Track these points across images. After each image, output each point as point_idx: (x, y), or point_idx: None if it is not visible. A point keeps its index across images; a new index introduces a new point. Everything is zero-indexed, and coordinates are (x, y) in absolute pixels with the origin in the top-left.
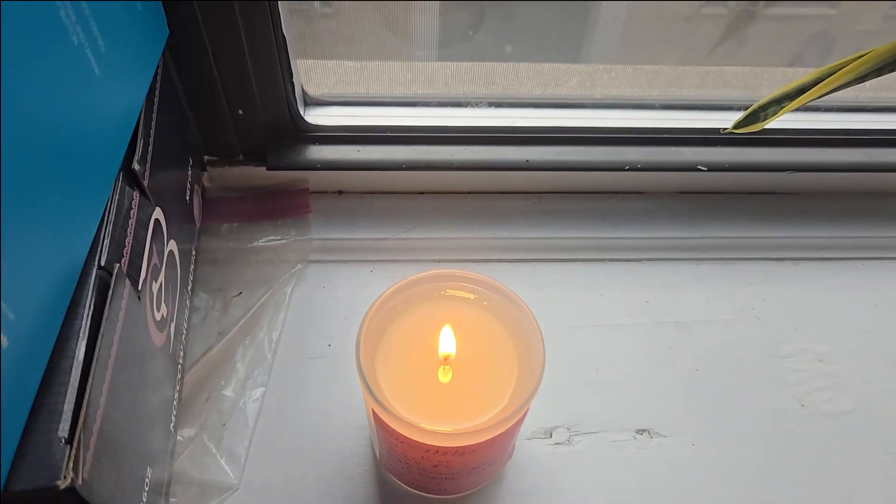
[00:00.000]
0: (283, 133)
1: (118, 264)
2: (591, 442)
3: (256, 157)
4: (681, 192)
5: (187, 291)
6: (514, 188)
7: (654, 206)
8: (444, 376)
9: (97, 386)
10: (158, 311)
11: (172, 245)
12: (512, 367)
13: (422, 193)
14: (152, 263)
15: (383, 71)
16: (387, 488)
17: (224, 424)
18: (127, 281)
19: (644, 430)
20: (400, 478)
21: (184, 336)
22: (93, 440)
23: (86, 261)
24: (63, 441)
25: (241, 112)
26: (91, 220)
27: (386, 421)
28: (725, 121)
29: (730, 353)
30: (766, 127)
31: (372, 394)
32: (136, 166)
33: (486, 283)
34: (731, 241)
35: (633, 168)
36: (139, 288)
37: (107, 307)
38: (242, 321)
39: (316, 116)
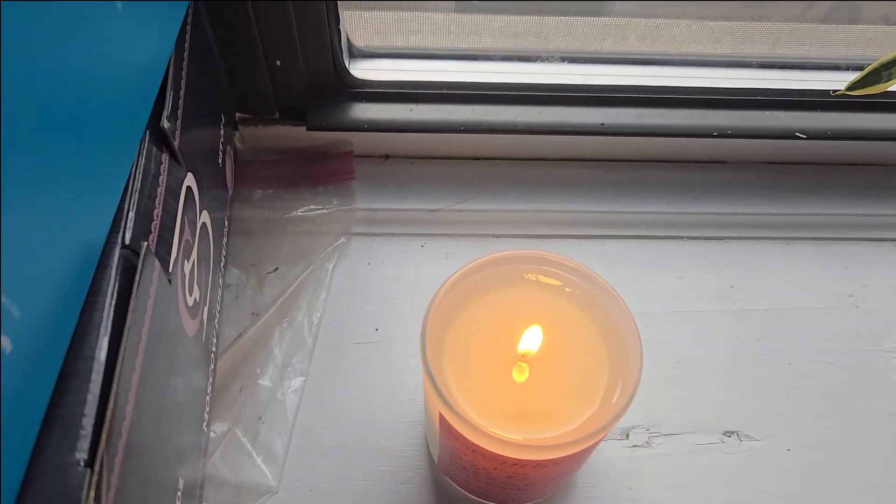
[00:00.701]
0: (326, 88)
1: (146, 242)
2: (672, 444)
3: (295, 115)
4: (769, 163)
5: (220, 269)
6: (583, 154)
7: (740, 177)
8: (520, 375)
9: (123, 392)
10: (191, 294)
11: (205, 216)
12: (600, 366)
13: (479, 159)
14: (184, 239)
15: (425, 22)
16: (445, 493)
17: (260, 418)
18: (156, 262)
19: (732, 433)
20: (462, 485)
21: (216, 321)
22: (118, 460)
23: (107, 239)
24: (82, 463)
25: (278, 63)
26: (113, 188)
27: (457, 428)
28: (828, 82)
29: (826, 347)
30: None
31: (441, 396)
32: (165, 124)
33: (570, 267)
34: (826, 218)
35: (723, 134)
36: (170, 269)
37: (133, 295)
38: (279, 301)
39: (363, 70)
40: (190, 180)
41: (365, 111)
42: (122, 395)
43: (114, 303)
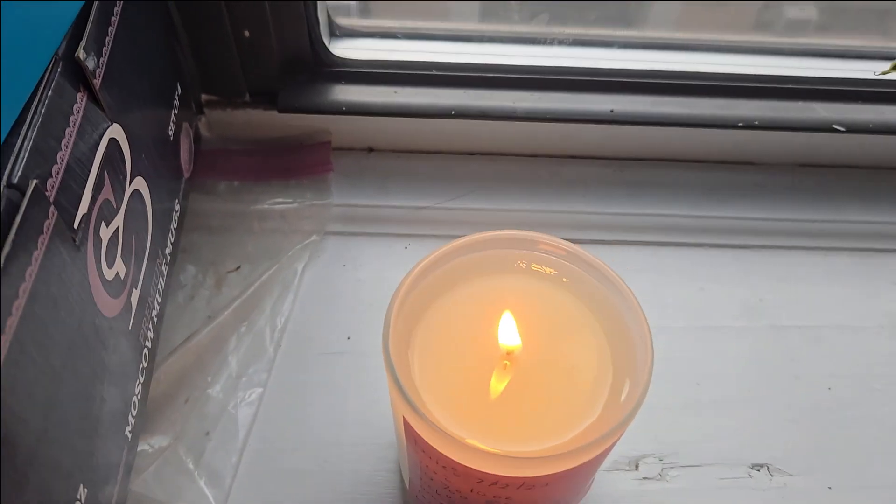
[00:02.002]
0: (301, 67)
1: (35, 181)
2: (691, 478)
3: (267, 98)
4: (803, 165)
5: (163, 255)
6: (591, 151)
7: (770, 179)
8: (502, 379)
9: None
10: (111, 267)
11: (140, 185)
12: (602, 369)
13: (474, 154)
14: (102, 198)
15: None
16: None
17: (207, 434)
18: (53, 210)
19: (762, 466)
20: None
21: (154, 312)
22: None
23: None
24: None
25: (247, 33)
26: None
27: (422, 435)
28: (870, 72)
29: (872, 370)
30: None
31: (404, 394)
32: (81, 55)
33: (567, 252)
34: (870, 226)
35: (749, 125)
36: (75, 225)
37: (9, 239)
38: (238, 301)
39: (344, 49)
40: (117, 133)
41: (344, 93)
42: None
43: None
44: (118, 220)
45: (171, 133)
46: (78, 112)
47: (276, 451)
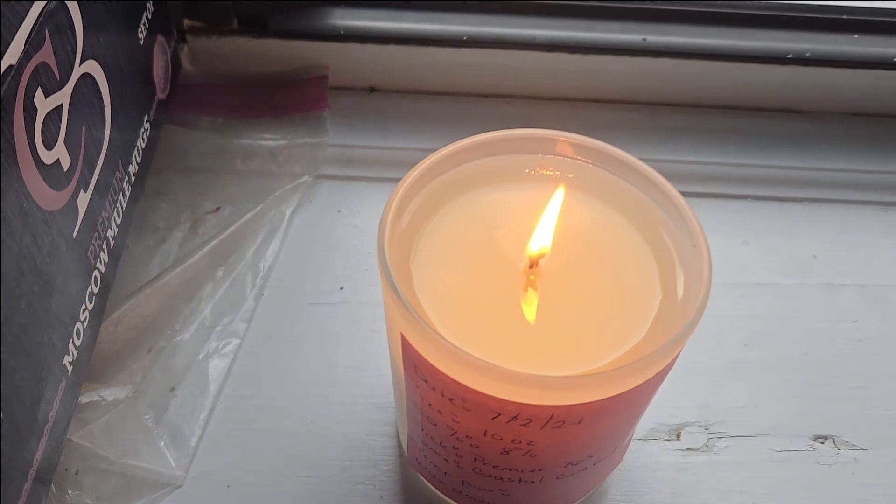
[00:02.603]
0: None
1: None
2: (742, 450)
3: (257, 25)
4: (855, 115)
5: (125, 171)
6: (618, 93)
7: (820, 128)
8: (530, 298)
9: None
10: (49, 149)
11: (93, 69)
12: (648, 284)
13: (487, 97)
14: (39, 59)
15: None
16: (417, 498)
17: (173, 389)
18: None
19: (826, 438)
20: (440, 482)
21: (111, 234)
22: None
23: None
24: None
25: None
26: None
27: (423, 353)
28: None
29: None
30: None
31: (400, 298)
32: None
33: (597, 152)
34: None
35: (799, 57)
36: None
37: None
38: (215, 242)
39: None
40: None
41: (343, 17)
42: None
43: None
44: (62, 98)
45: (140, 37)
46: None
47: (253, 410)
